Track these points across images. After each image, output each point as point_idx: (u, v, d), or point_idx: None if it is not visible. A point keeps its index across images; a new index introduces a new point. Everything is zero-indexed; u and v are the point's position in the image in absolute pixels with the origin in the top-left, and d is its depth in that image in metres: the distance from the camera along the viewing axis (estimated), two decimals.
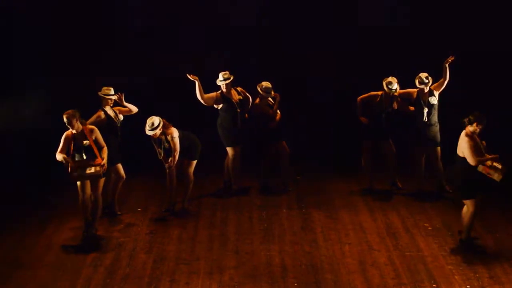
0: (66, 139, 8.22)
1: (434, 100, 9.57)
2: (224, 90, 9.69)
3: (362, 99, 9.77)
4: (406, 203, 9.49)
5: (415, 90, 9.61)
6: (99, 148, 8.33)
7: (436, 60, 9.65)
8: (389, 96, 9.63)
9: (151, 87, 12.02)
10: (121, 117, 9.16)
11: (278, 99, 9.82)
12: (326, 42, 12.03)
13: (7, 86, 11.76)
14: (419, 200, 9.56)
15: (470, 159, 7.80)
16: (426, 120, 9.56)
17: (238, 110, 9.75)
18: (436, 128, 9.62)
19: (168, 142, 8.94)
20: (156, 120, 8.80)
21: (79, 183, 8.29)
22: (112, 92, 9.05)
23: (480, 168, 7.78)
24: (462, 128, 7.97)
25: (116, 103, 9.15)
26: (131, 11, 12.17)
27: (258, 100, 9.83)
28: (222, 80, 9.66)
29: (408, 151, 9.94)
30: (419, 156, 9.74)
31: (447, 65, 9.41)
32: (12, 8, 11.86)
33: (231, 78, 9.67)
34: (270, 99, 9.85)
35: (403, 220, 8.94)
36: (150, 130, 8.80)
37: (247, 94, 9.91)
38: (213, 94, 9.73)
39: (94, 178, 8.27)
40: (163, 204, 9.39)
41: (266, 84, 9.76)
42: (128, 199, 9.72)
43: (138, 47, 12.07)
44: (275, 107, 9.83)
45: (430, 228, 8.69)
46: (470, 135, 7.83)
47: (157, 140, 8.96)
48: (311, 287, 7.30)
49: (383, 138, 9.81)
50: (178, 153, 8.96)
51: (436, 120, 9.61)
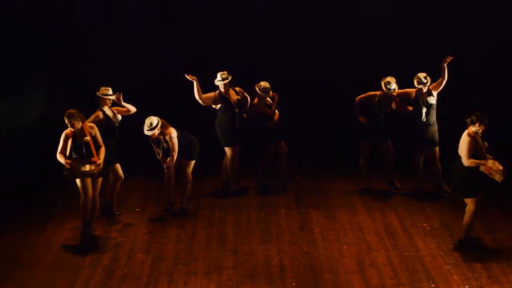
0: (65, 138, 8.21)
1: (433, 100, 9.56)
2: (222, 90, 9.68)
3: (360, 99, 9.77)
4: (404, 203, 9.48)
5: (414, 90, 9.60)
6: (97, 147, 8.33)
7: (435, 60, 9.65)
8: (387, 96, 9.62)
9: (150, 87, 12.01)
10: (119, 117, 9.15)
11: (276, 99, 9.81)
12: (326, 42, 12.01)
13: (7, 86, 11.75)
14: (417, 200, 9.55)
15: (464, 159, 7.82)
16: (425, 120, 9.55)
17: (236, 110, 9.74)
18: (435, 128, 9.61)
19: (166, 142, 8.93)
20: (154, 120, 8.80)
21: (80, 184, 8.28)
22: (110, 92, 9.04)
23: (482, 168, 7.78)
24: (461, 128, 7.97)
25: (114, 103, 9.16)
26: (130, 11, 12.17)
27: (256, 100, 9.83)
28: (220, 80, 9.65)
29: (406, 151, 9.94)
30: (417, 156, 9.73)
31: (445, 65, 9.40)
32: (12, 8, 11.85)
33: (229, 78, 9.66)
34: (268, 99, 9.84)
35: (401, 220, 8.94)
36: (148, 130, 8.80)
37: (245, 94, 9.90)
38: (211, 94, 9.72)
39: (88, 176, 8.25)
40: (161, 204, 9.39)
41: (264, 84, 9.75)
42: (126, 199, 9.72)
43: (138, 47, 12.06)
44: (273, 107, 9.82)
45: (428, 228, 8.68)
46: (472, 136, 7.83)
47: (155, 140, 8.95)
48: (309, 287, 7.30)
49: (382, 138, 9.81)
50: (177, 153, 8.97)
51: (435, 120, 9.61)
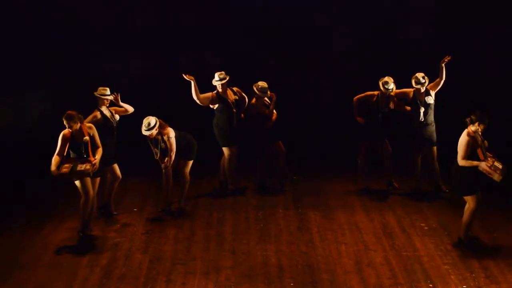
0: (64, 139, 8.20)
1: (431, 99, 9.55)
2: (220, 90, 9.68)
3: (358, 99, 9.76)
4: (402, 203, 9.48)
5: (412, 90, 9.59)
6: (95, 147, 8.33)
7: (433, 60, 9.65)
8: (385, 96, 9.61)
9: (148, 87, 12.03)
10: (117, 117, 9.15)
11: (274, 99, 9.80)
12: (327, 42, 12.00)
13: (7, 86, 11.76)
14: (415, 200, 9.55)
15: (459, 158, 7.86)
16: (423, 120, 9.54)
17: (234, 110, 9.74)
18: (433, 127, 9.61)
19: (164, 142, 8.92)
20: (152, 120, 8.79)
21: (79, 184, 8.27)
22: (108, 92, 9.04)
23: (481, 167, 7.78)
24: (460, 128, 7.98)
25: (112, 103, 9.16)
26: (130, 11, 12.17)
27: (254, 100, 9.82)
28: (218, 80, 9.64)
29: (404, 151, 9.93)
30: (415, 156, 9.73)
31: (443, 64, 9.41)
32: (12, 8, 11.87)
33: (227, 78, 9.65)
34: (266, 99, 9.84)
35: (399, 220, 8.94)
36: (146, 130, 8.79)
37: (243, 94, 9.90)
38: (208, 94, 9.72)
39: (83, 176, 8.22)
40: (159, 204, 9.39)
41: (262, 84, 9.74)
42: (124, 199, 9.71)
43: (137, 47, 12.08)
44: (271, 107, 9.81)
45: (426, 228, 8.68)
46: (472, 135, 7.84)
47: (153, 140, 8.95)
48: (307, 287, 7.30)
49: (380, 138, 9.80)
50: (175, 153, 8.97)
51: (433, 119, 9.60)
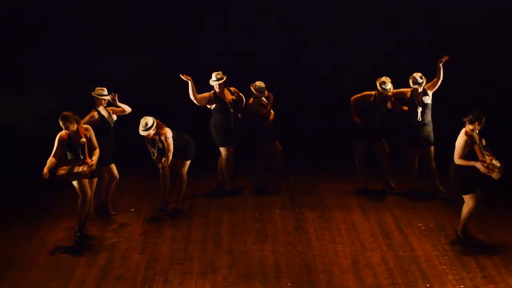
0: (60, 141, 8.19)
1: (428, 99, 9.56)
2: (217, 90, 9.67)
3: (355, 99, 9.76)
4: (399, 203, 9.48)
5: (409, 89, 9.61)
6: (92, 149, 8.33)
7: (431, 60, 9.67)
8: (383, 96, 9.62)
9: (146, 87, 12.01)
10: (114, 117, 9.15)
11: (271, 99, 9.80)
12: (327, 42, 12.01)
13: (7, 85, 11.75)
14: (412, 200, 9.56)
15: (455, 157, 7.89)
16: (420, 120, 9.55)
17: (231, 110, 9.73)
18: (430, 127, 9.62)
19: (161, 142, 8.92)
20: (149, 120, 8.79)
21: (77, 184, 8.27)
22: (105, 92, 9.05)
23: (479, 166, 7.79)
24: (458, 128, 7.99)
25: (110, 103, 9.15)
26: (130, 11, 12.17)
27: (251, 100, 9.82)
28: (215, 80, 9.64)
29: (401, 151, 9.93)
30: (412, 155, 9.74)
31: (441, 64, 9.41)
32: (12, 8, 11.85)
33: (224, 78, 9.65)
34: (263, 99, 9.84)
35: (396, 220, 8.94)
36: (143, 131, 8.78)
37: (240, 94, 9.89)
38: (206, 94, 9.71)
39: (80, 177, 8.22)
40: (156, 204, 9.39)
41: (259, 84, 9.74)
42: (122, 199, 9.70)
43: (137, 47, 12.06)
44: (268, 107, 9.81)
45: (423, 228, 8.68)
46: (469, 135, 7.86)
47: (150, 140, 8.95)
48: (304, 287, 7.30)
49: (377, 138, 9.80)
50: (172, 153, 8.96)
51: (430, 119, 9.61)
